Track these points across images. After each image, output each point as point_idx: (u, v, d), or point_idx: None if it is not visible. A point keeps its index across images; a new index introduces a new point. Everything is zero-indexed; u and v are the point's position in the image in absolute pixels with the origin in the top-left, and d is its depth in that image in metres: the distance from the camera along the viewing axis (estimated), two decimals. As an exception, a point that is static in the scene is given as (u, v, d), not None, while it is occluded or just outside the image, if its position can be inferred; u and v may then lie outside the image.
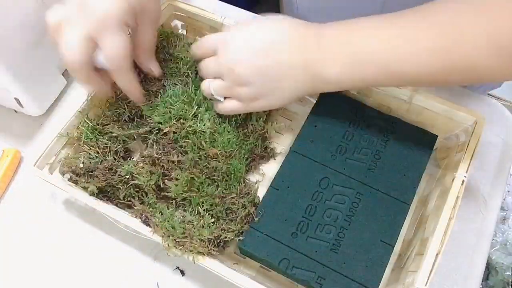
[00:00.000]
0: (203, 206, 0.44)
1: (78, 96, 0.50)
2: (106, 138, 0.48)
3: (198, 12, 0.54)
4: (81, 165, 0.46)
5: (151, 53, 0.47)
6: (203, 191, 0.44)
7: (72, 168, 0.46)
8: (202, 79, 0.48)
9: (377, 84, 0.45)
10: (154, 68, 0.48)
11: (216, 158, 0.46)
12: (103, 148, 0.47)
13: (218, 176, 0.46)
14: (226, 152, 0.46)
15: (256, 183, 0.48)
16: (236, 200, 0.44)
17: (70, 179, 0.47)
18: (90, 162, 0.46)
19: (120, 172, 0.45)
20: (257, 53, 0.42)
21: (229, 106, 0.45)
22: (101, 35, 0.40)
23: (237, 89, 0.44)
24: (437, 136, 0.48)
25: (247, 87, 0.43)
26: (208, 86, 0.45)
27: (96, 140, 0.48)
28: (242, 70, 0.42)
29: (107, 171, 0.46)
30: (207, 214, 0.43)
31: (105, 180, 0.45)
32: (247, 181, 0.48)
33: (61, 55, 0.41)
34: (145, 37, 0.45)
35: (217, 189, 0.45)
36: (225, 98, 0.46)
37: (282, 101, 0.44)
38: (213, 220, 0.43)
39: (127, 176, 0.45)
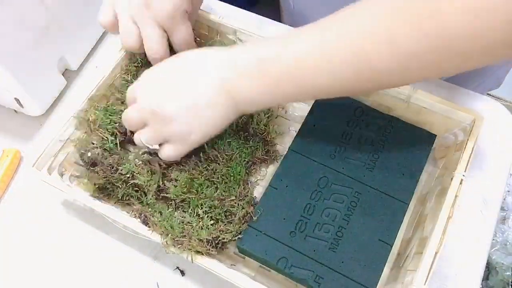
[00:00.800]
0: (202, 207, 0.44)
1: (78, 96, 0.50)
2: (116, 119, 0.48)
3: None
4: (89, 154, 0.46)
5: (192, 38, 0.50)
6: (202, 192, 0.44)
7: (82, 151, 0.46)
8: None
9: (297, 99, 0.47)
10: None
11: (216, 161, 0.46)
12: (112, 132, 0.48)
13: (218, 178, 0.45)
14: (226, 155, 0.46)
15: (255, 181, 0.48)
16: (236, 202, 0.44)
17: (70, 176, 0.47)
18: (101, 148, 0.47)
19: (121, 170, 0.45)
20: (175, 88, 0.41)
21: (166, 152, 0.43)
22: (172, 27, 0.46)
23: (167, 130, 0.42)
24: (436, 135, 0.48)
25: (174, 124, 0.41)
26: (139, 139, 0.44)
27: (110, 122, 0.48)
28: (164, 109, 0.41)
29: (109, 168, 0.46)
30: (206, 216, 0.43)
31: (105, 177, 0.45)
32: (247, 184, 0.47)
33: (146, 48, 0.46)
34: (193, 18, 0.51)
35: (217, 191, 0.45)
36: (160, 145, 0.44)
37: (214, 128, 0.43)
38: (212, 222, 0.43)
39: (128, 175, 0.45)
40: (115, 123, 0.48)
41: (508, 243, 1.03)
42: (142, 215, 0.44)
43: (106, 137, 0.47)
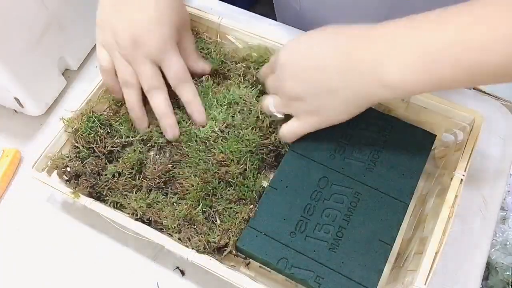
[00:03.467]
0: (211, 208, 0.44)
1: (78, 96, 0.50)
2: (106, 131, 0.49)
3: (195, 13, 0.54)
4: (69, 169, 0.46)
5: (197, 54, 0.50)
6: (214, 195, 0.45)
7: (62, 170, 0.46)
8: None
9: (445, 84, 0.36)
10: (205, 66, 0.51)
11: (225, 162, 0.46)
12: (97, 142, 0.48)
13: (233, 179, 0.46)
14: (234, 157, 0.46)
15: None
16: (238, 205, 0.45)
17: (68, 180, 0.47)
18: (77, 158, 0.47)
19: (106, 174, 0.46)
20: (305, 67, 0.42)
21: (288, 127, 0.46)
22: (163, 61, 0.46)
23: (293, 104, 0.44)
24: (436, 135, 0.48)
25: (301, 102, 0.43)
26: (267, 103, 0.46)
27: (95, 133, 0.48)
28: (291, 85, 0.42)
29: (93, 175, 0.46)
30: (211, 216, 0.44)
31: (91, 187, 0.45)
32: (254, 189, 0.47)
33: (142, 84, 0.47)
34: (188, 43, 0.49)
35: (232, 194, 0.45)
36: (285, 116, 0.46)
37: (338, 115, 0.42)
38: (219, 222, 0.43)
39: (114, 180, 0.46)
40: (100, 136, 0.48)
41: (508, 243, 1.03)
42: (139, 213, 0.44)
43: (83, 146, 0.47)
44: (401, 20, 0.36)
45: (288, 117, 0.46)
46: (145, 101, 0.48)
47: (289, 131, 0.46)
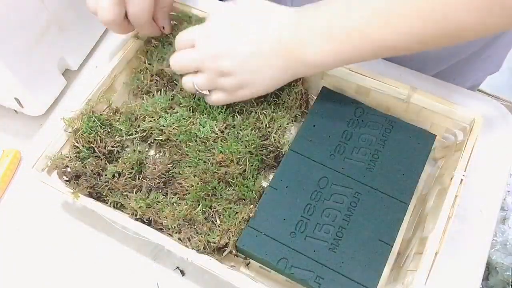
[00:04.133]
0: (211, 209, 0.44)
1: (78, 96, 0.50)
2: (106, 131, 0.48)
3: (195, 12, 0.54)
4: (69, 170, 0.46)
5: (166, 13, 0.51)
6: (214, 195, 0.45)
7: (62, 170, 0.46)
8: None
9: (355, 60, 0.43)
10: (166, 26, 0.52)
11: (224, 163, 0.46)
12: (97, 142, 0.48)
13: (233, 180, 0.46)
14: (234, 157, 0.46)
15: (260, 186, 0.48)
16: (238, 205, 0.45)
17: (68, 181, 0.47)
18: (77, 158, 0.47)
19: (106, 174, 0.45)
20: (237, 43, 0.42)
21: (215, 99, 0.46)
22: None
23: (221, 80, 0.44)
24: (435, 135, 0.48)
25: (229, 77, 0.43)
26: (191, 82, 0.46)
27: (95, 133, 0.48)
28: (223, 61, 0.43)
29: (94, 175, 0.46)
30: (211, 216, 0.44)
31: (91, 187, 0.45)
32: (255, 189, 0.47)
33: (99, 19, 0.48)
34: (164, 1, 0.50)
35: (232, 194, 0.45)
36: (209, 90, 0.46)
37: (265, 87, 0.45)
38: (219, 223, 0.43)
39: (114, 180, 0.45)
40: (100, 136, 0.48)
41: (508, 243, 1.03)
42: (138, 213, 0.44)
43: (83, 146, 0.47)
44: (321, 4, 0.41)
45: None
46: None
47: (217, 102, 0.46)
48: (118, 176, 0.46)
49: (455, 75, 0.64)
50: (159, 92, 0.51)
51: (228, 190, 0.45)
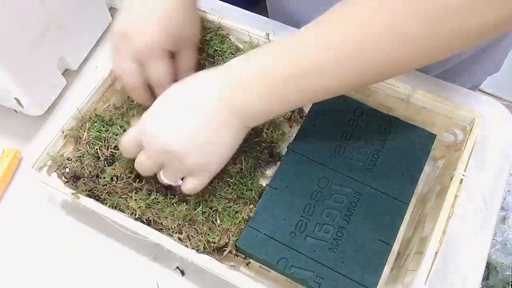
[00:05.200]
0: (211, 209, 0.44)
1: (78, 96, 0.50)
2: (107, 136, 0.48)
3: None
4: (67, 170, 0.46)
5: (191, 71, 0.48)
6: (214, 194, 0.45)
7: (62, 170, 0.46)
8: None
9: (296, 106, 0.44)
10: None
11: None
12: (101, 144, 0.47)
13: (232, 179, 0.46)
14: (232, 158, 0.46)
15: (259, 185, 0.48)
16: (238, 205, 0.45)
17: (66, 182, 0.47)
18: (78, 161, 0.46)
19: (104, 177, 0.45)
20: (179, 122, 0.41)
21: (190, 185, 0.43)
22: (148, 62, 0.46)
23: (184, 167, 0.42)
24: (435, 135, 0.48)
25: (189, 159, 0.41)
26: (162, 179, 0.44)
27: (95, 134, 0.48)
28: (175, 149, 0.40)
29: (90, 179, 0.46)
30: (211, 216, 0.44)
31: (89, 190, 0.45)
32: (254, 187, 0.47)
33: (118, 79, 0.49)
34: (185, 59, 0.49)
35: (231, 194, 0.45)
36: (182, 178, 0.44)
37: (230, 150, 0.43)
38: (219, 222, 0.43)
39: (113, 183, 0.45)
40: (104, 140, 0.48)
41: (508, 243, 1.03)
42: (137, 214, 0.44)
43: (83, 146, 0.47)
44: (246, 54, 0.41)
45: None
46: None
47: (194, 187, 0.43)
48: (116, 180, 0.46)
49: (455, 76, 0.64)
50: None
51: (227, 189, 0.45)
